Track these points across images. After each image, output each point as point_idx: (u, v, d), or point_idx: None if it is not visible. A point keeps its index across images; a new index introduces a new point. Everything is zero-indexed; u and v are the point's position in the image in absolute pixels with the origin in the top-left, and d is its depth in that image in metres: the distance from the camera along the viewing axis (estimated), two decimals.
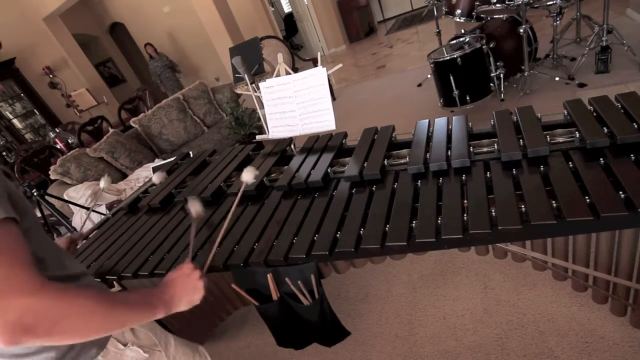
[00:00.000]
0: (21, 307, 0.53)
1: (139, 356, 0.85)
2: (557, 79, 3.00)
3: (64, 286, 0.60)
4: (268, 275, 1.16)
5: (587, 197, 0.86)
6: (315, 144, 1.54)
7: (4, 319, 0.52)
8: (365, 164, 1.26)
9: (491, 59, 2.90)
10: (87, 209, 2.72)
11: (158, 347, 0.91)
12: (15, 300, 0.53)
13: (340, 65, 1.85)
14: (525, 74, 2.96)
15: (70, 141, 5.11)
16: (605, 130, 1.02)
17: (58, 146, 4.93)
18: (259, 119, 3.30)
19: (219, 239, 1.02)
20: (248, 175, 1.13)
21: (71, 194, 2.95)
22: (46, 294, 0.56)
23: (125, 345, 0.84)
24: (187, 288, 0.82)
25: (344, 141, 1.51)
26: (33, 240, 0.70)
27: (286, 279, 1.16)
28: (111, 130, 3.68)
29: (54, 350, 0.73)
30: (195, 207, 1.00)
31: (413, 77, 4.40)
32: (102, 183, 1.50)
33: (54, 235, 3.32)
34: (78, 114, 6.74)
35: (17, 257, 0.57)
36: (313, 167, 1.37)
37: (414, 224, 0.99)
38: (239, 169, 1.62)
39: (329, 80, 1.54)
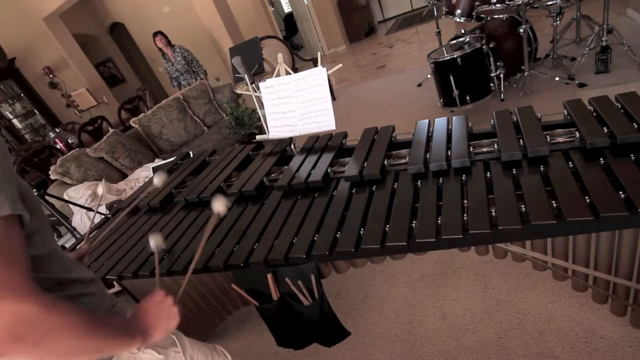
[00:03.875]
0: (13, 313, 0.51)
1: (153, 358, 0.82)
2: (557, 79, 3.00)
3: (59, 300, 0.57)
4: (268, 275, 1.17)
5: (587, 197, 0.86)
6: (315, 144, 1.54)
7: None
8: (365, 164, 1.26)
9: (491, 59, 2.90)
10: (88, 209, 2.71)
11: (175, 348, 0.88)
12: (8, 304, 0.51)
13: (340, 65, 1.85)
14: (525, 74, 2.96)
15: (70, 141, 5.11)
16: (605, 130, 1.02)
17: (58, 146, 4.93)
18: (259, 119, 3.30)
19: (191, 267, 0.96)
20: (220, 206, 0.98)
21: (71, 194, 2.95)
22: (41, 303, 0.53)
23: (138, 348, 0.81)
24: (161, 316, 0.80)
25: (344, 141, 1.51)
26: (44, 241, 0.68)
27: (286, 279, 1.16)
28: (111, 130, 3.68)
29: None
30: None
31: (413, 77, 4.40)
32: (100, 189, 1.37)
33: (55, 236, 3.32)
34: (78, 114, 6.74)
35: (15, 259, 0.54)
36: (313, 167, 1.37)
37: (414, 224, 0.99)
38: (239, 169, 1.63)
39: (329, 80, 1.54)
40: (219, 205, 0.97)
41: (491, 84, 2.95)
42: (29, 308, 0.52)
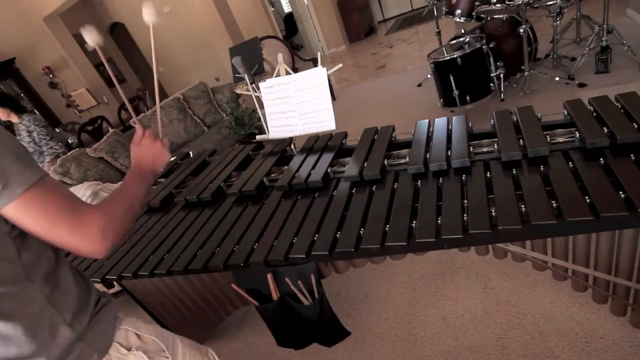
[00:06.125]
0: (98, 222, 0.71)
1: None
2: (557, 79, 3.00)
3: (108, 200, 0.80)
4: (268, 275, 1.17)
5: (587, 197, 0.86)
6: (315, 144, 1.54)
7: (93, 234, 0.70)
8: (365, 164, 1.26)
9: (491, 59, 2.90)
10: None
11: (165, 353, 0.86)
12: (91, 221, 0.71)
13: (340, 65, 1.85)
14: (525, 74, 2.96)
15: (70, 141, 5.11)
16: (605, 130, 1.02)
17: None
18: (259, 119, 3.30)
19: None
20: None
21: None
22: (105, 209, 0.75)
23: (129, 350, 0.81)
24: (156, 157, 1.02)
25: (344, 141, 1.51)
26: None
27: (286, 279, 1.16)
28: (111, 130, 3.68)
29: (47, 355, 0.71)
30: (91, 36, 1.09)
31: (413, 77, 4.40)
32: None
33: None
34: (78, 114, 6.74)
35: (72, 197, 0.72)
36: (313, 167, 1.37)
37: (414, 224, 0.99)
38: (239, 169, 1.63)
39: (329, 80, 1.54)
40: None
41: (491, 84, 2.95)
42: (103, 215, 0.73)
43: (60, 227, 0.68)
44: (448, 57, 2.79)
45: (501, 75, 2.96)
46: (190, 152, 2.07)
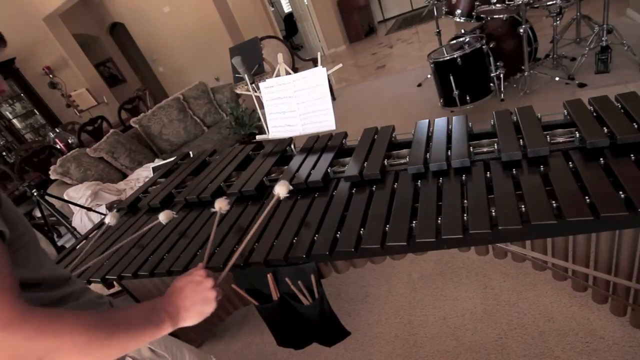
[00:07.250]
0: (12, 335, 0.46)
1: None
2: (557, 79, 3.00)
3: (52, 313, 0.51)
4: (268, 275, 1.16)
5: (587, 197, 0.86)
6: (315, 144, 1.54)
7: None
8: (365, 164, 1.26)
9: (491, 59, 2.90)
10: (88, 209, 2.72)
11: None
12: None
13: (340, 65, 1.85)
14: (525, 74, 2.96)
15: (70, 141, 5.10)
16: (605, 130, 1.02)
17: (58, 146, 4.93)
18: (259, 119, 3.30)
19: (242, 247, 0.93)
20: (281, 189, 1.10)
21: (71, 194, 2.95)
22: (29, 325, 0.47)
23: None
24: (196, 299, 0.70)
25: (344, 141, 1.51)
26: (30, 259, 0.62)
27: (286, 279, 1.16)
28: (111, 130, 3.68)
29: None
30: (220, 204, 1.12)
31: (413, 77, 4.40)
32: None
33: (54, 236, 3.32)
34: (78, 114, 6.74)
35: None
36: (313, 167, 1.37)
37: (414, 224, 0.99)
38: (239, 169, 1.63)
39: (329, 80, 1.54)
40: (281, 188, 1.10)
41: (491, 84, 2.95)
42: (16, 334, 0.47)
43: None
44: (448, 57, 2.79)
45: (501, 75, 2.96)
46: (190, 152, 2.07)
